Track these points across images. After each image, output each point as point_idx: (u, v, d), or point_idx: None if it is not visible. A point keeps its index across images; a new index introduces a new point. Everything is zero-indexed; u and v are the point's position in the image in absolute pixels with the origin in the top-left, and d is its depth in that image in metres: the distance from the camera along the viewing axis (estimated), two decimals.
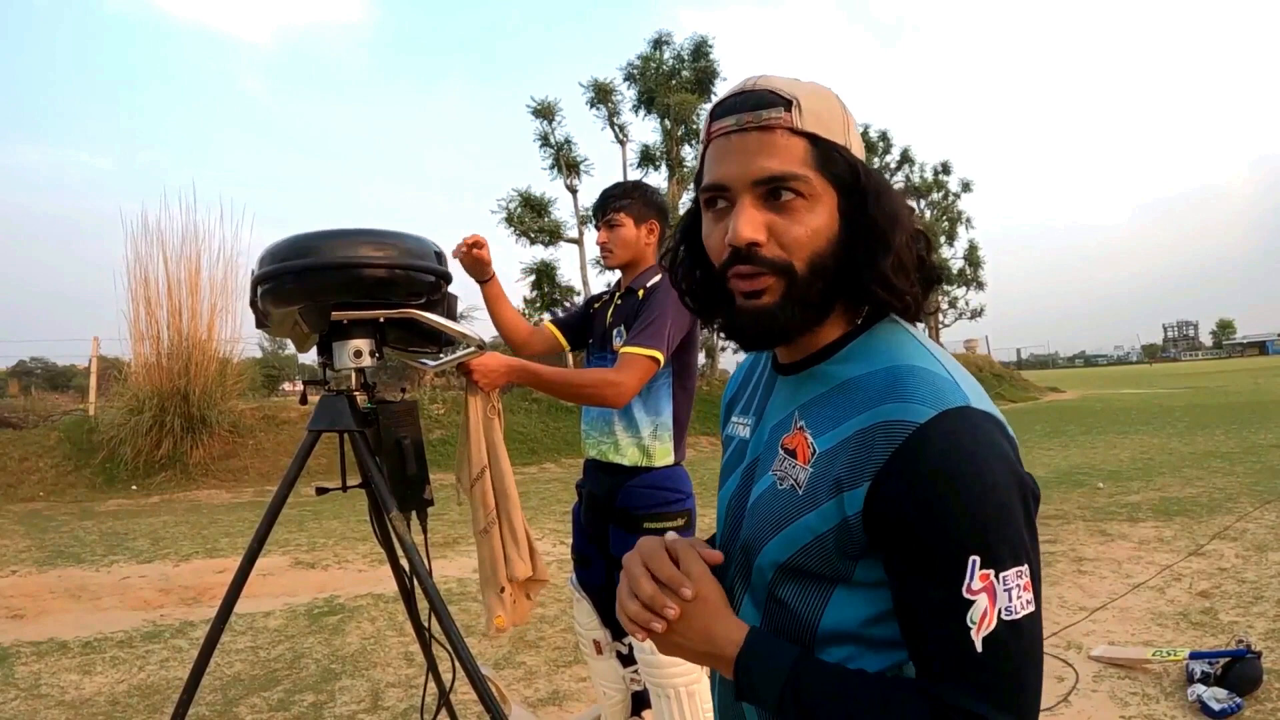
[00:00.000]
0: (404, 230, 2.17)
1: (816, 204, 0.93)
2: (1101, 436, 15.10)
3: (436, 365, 2.46)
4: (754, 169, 0.91)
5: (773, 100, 0.92)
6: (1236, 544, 6.17)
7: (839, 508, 0.87)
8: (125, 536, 8.30)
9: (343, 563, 6.82)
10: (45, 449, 12.20)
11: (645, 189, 2.74)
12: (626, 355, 2.47)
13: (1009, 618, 0.82)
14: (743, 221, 0.91)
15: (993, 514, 0.82)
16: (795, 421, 0.98)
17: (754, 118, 0.92)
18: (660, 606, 0.93)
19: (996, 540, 0.82)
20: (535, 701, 3.84)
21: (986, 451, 0.84)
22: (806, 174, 0.92)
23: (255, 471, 12.21)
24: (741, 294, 0.94)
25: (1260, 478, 9.08)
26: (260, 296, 2.15)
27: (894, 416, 0.85)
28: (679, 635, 0.94)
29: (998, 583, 0.82)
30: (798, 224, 0.92)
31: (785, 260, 0.92)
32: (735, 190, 0.93)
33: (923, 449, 0.82)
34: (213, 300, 12.88)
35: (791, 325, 0.95)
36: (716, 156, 0.95)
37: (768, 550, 0.95)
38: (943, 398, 0.85)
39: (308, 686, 4.06)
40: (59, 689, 4.11)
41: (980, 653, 0.81)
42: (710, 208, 0.98)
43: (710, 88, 21.13)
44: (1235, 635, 4.06)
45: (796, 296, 0.93)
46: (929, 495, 0.82)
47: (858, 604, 0.90)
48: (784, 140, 0.92)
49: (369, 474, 2.23)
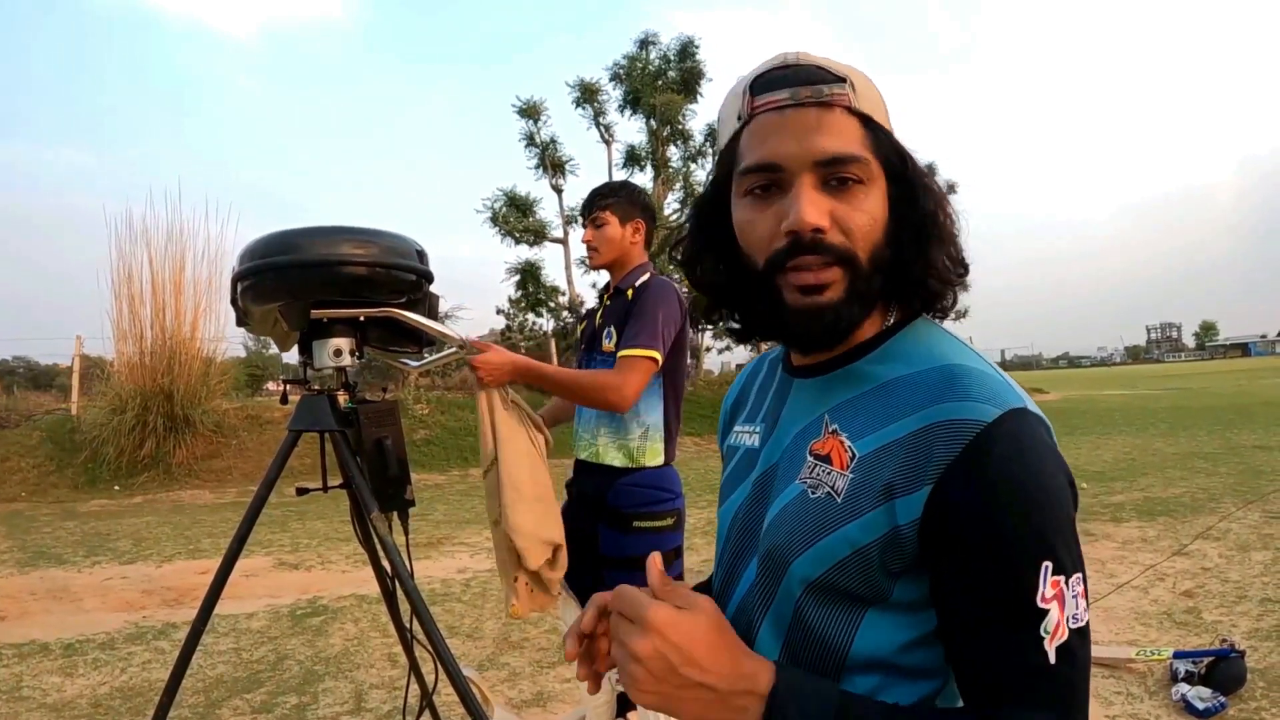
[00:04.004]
0: (385, 228, 2.16)
1: (874, 190, 0.86)
2: (1085, 437, 15.18)
3: (419, 366, 2.45)
4: (816, 147, 0.83)
5: (827, 76, 0.85)
6: (1220, 544, 6.21)
7: (889, 516, 0.79)
8: (107, 537, 8.24)
9: (326, 563, 6.79)
10: (27, 448, 12.10)
11: (632, 188, 2.73)
12: (625, 358, 2.45)
13: (1075, 626, 0.77)
14: (806, 204, 0.83)
15: (1061, 519, 0.78)
16: (826, 425, 0.90)
17: (813, 92, 0.84)
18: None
19: (1063, 546, 0.77)
20: (519, 703, 3.83)
21: (1048, 454, 0.79)
22: (866, 156, 0.85)
23: (239, 472, 12.14)
24: (800, 288, 0.85)
25: (1243, 478, 9.16)
26: (241, 294, 2.13)
27: (956, 416, 0.78)
28: (698, 673, 0.75)
29: (1066, 589, 0.76)
30: (859, 210, 0.84)
31: (849, 249, 0.84)
32: (792, 171, 0.84)
33: (991, 450, 0.76)
34: (197, 299, 12.79)
35: (852, 323, 0.87)
36: (764, 133, 0.86)
37: (798, 565, 0.85)
38: (1004, 398, 0.79)
39: (291, 688, 4.04)
40: (41, 691, 4.07)
41: (1053, 664, 0.75)
42: (750, 193, 0.88)
43: (696, 88, 21.15)
44: (1219, 634, 4.08)
45: (859, 291, 0.85)
46: (1001, 498, 0.75)
47: (892, 628, 0.82)
48: (843, 119, 0.85)
49: (350, 474, 2.21)
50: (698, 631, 0.75)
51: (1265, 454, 11.07)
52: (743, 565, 0.96)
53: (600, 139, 21.38)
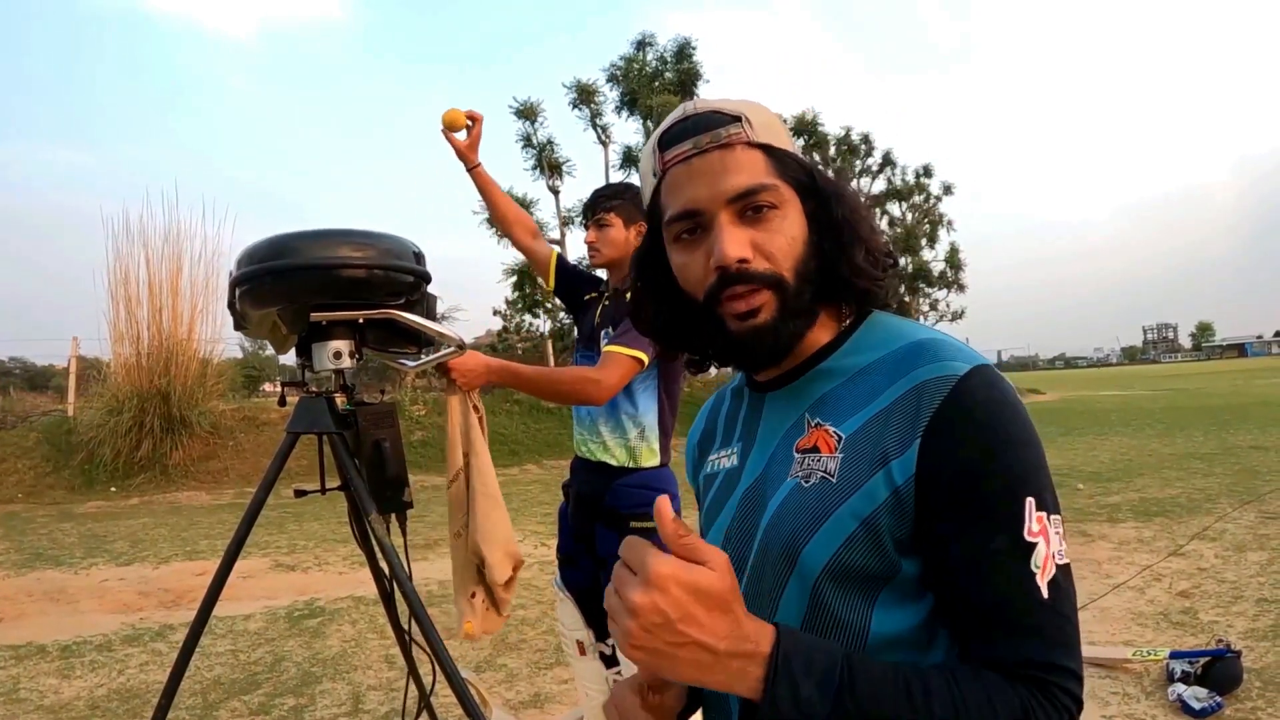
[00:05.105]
0: (383, 230, 2.16)
1: (788, 211, 0.93)
2: (1081, 438, 15.20)
3: (416, 366, 2.45)
4: (725, 187, 0.91)
5: (723, 119, 0.93)
6: (1216, 544, 6.22)
7: (887, 480, 0.83)
8: (104, 539, 8.23)
9: (323, 565, 6.79)
10: (23, 450, 12.08)
11: (636, 191, 2.74)
12: (609, 354, 2.48)
13: (1060, 561, 0.81)
14: (727, 240, 0.90)
15: (1040, 459, 0.83)
16: (808, 423, 0.94)
17: (711, 137, 0.92)
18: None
19: (1044, 484, 0.82)
20: (517, 704, 3.83)
21: (1019, 402, 0.85)
22: (774, 183, 0.92)
23: (235, 473, 12.13)
24: (736, 315, 0.92)
25: (1239, 478, 9.16)
26: (239, 298, 2.13)
27: (933, 374, 0.84)
28: (698, 633, 0.72)
29: (1049, 525, 0.81)
30: (777, 234, 0.91)
31: (774, 273, 0.91)
32: (709, 212, 0.92)
33: (969, 397, 0.82)
34: (194, 300, 12.77)
35: (793, 336, 0.94)
36: (678, 184, 0.94)
37: (809, 553, 0.87)
38: (970, 355, 0.85)
39: (288, 690, 4.04)
40: (38, 693, 4.07)
41: (1046, 598, 0.79)
42: (679, 239, 0.96)
43: (693, 90, 21.12)
44: (1215, 635, 4.10)
45: (791, 307, 0.92)
46: (983, 439, 0.81)
47: (909, 606, 0.85)
48: (745, 154, 0.92)
49: (348, 476, 2.21)
50: (700, 587, 0.72)
51: (1261, 454, 11.07)
52: (741, 577, 0.95)
53: (597, 140, 21.36)
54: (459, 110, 2.70)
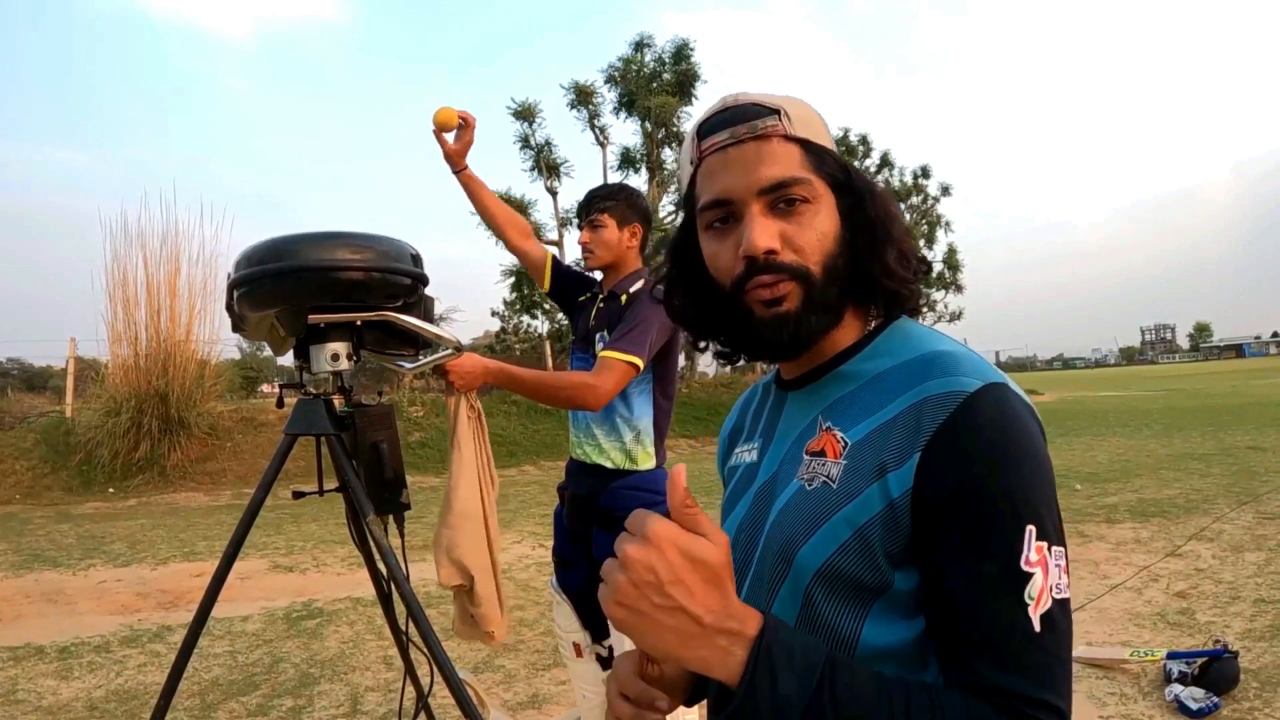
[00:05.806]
0: (381, 233, 2.16)
1: (820, 207, 0.93)
2: (1079, 438, 15.20)
3: (414, 368, 2.45)
4: (758, 178, 0.91)
5: (761, 111, 0.93)
6: (1213, 545, 6.23)
7: (883, 492, 0.82)
8: (102, 540, 8.22)
9: (321, 566, 6.78)
10: (21, 451, 12.07)
11: (630, 192, 2.74)
12: (605, 359, 2.48)
13: (1059, 596, 0.78)
14: (757, 230, 0.90)
15: (1045, 487, 0.81)
16: (820, 425, 0.95)
17: (749, 128, 0.92)
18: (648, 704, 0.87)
19: (1047, 513, 0.80)
20: (515, 705, 3.83)
21: (1031, 425, 0.83)
22: (808, 177, 0.92)
23: (233, 474, 12.12)
24: (762, 303, 0.92)
25: (1236, 479, 9.16)
26: (237, 300, 2.13)
27: (941, 390, 0.83)
28: (687, 603, 0.71)
29: (1049, 557, 0.78)
30: (808, 228, 0.92)
31: (802, 265, 0.91)
32: (741, 202, 0.92)
33: (976, 416, 0.80)
34: (191, 301, 12.75)
35: (815, 330, 0.93)
36: (713, 173, 0.95)
37: (805, 553, 0.87)
38: (985, 373, 0.84)
39: (286, 691, 4.04)
40: (36, 695, 4.07)
41: (1038, 632, 0.76)
42: (711, 228, 0.97)
43: (691, 91, 21.14)
44: (1212, 635, 4.10)
45: (816, 300, 0.92)
46: (985, 460, 0.79)
47: (900, 621, 0.84)
48: (780, 147, 0.92)
49: (346, 478, 2.21)
50: (695, 554, 0.72)
51: (1258, 455, 11.08)
52: (748, 571, 0.97)
53: (595, 141, 21.39)
54: (452, 109, 2.70)
